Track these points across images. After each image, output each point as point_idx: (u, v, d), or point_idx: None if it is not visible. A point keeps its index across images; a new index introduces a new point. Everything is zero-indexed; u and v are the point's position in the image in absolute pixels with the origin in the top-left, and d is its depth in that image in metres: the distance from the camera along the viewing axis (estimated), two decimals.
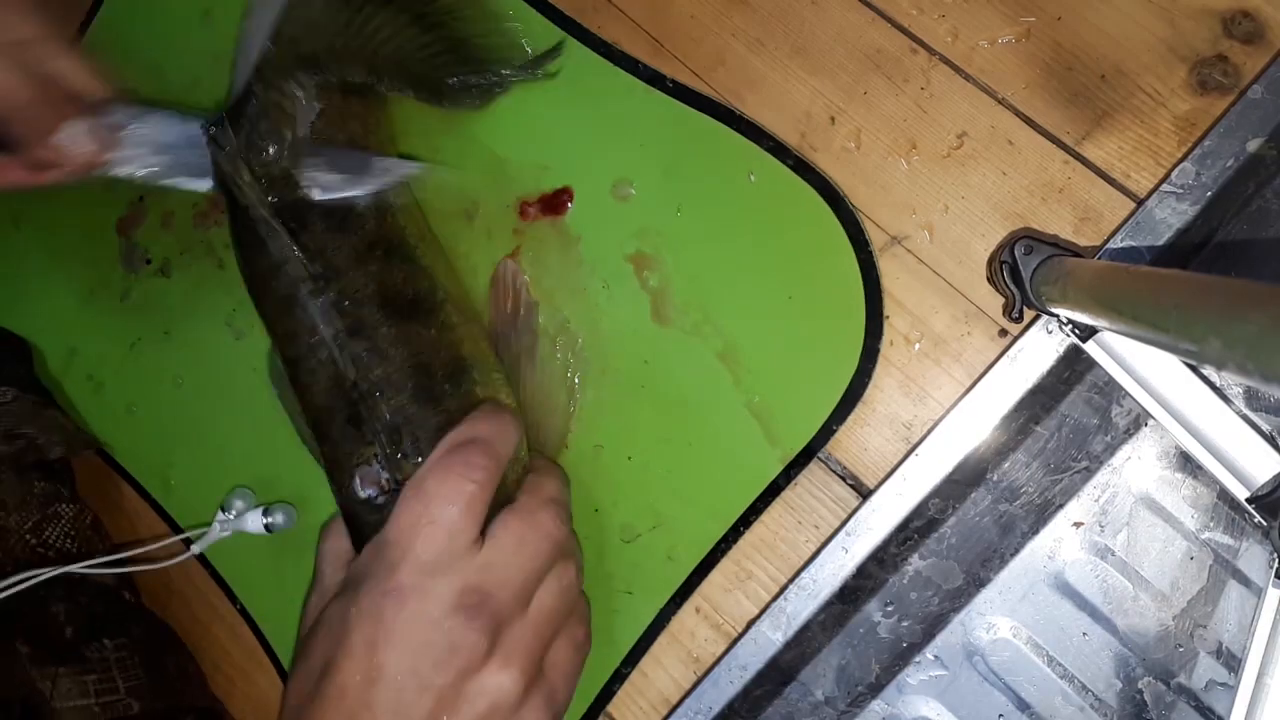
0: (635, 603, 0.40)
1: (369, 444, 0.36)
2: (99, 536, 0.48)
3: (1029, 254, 0.36)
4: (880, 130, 0.39)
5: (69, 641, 0.42)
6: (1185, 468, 0.39)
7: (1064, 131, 0.38)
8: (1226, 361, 0.22)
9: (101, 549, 0.47)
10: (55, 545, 0.45)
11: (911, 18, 0.39)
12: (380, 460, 0.36)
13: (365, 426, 0.36)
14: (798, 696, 0.41)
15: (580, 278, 0.42)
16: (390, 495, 0.36)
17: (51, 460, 0.47)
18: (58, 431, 0.47)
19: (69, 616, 0.43)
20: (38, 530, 0.45)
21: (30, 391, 0.48)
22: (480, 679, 0.32)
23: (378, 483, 0.36)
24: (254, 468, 0.46)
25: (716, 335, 0.40)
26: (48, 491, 0.46)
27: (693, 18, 0.42)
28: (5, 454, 0.45)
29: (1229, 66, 0.36)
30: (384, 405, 0.36)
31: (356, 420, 0.36)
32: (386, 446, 0.36)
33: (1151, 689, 0.39)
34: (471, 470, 0.34)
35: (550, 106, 0.43)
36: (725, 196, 0.41)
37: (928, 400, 0.38)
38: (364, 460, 0.36)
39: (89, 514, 0.47)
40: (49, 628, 0.42)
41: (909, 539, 0.39)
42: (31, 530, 0.45)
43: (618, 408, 0.41)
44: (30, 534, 0.45)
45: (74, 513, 0.47)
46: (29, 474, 0.46)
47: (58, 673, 0.40)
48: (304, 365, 0.38)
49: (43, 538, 0.45)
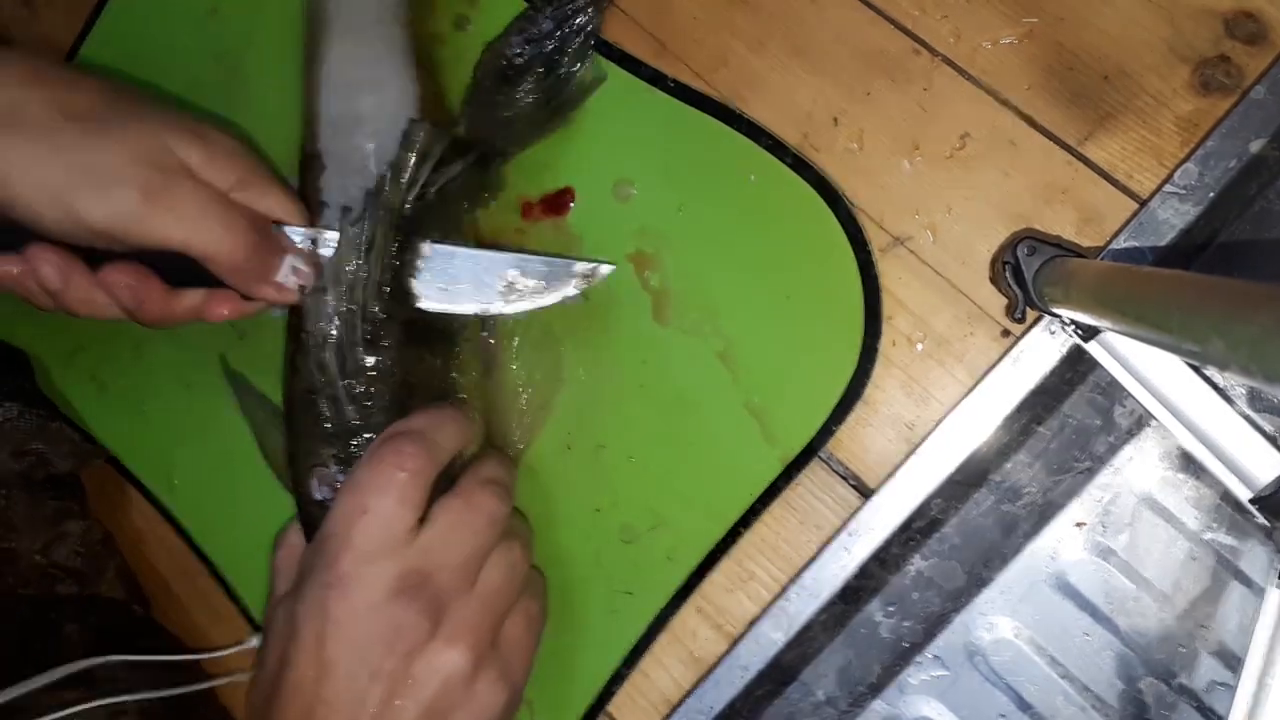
0: (635, 603, 0.40)
1: (327, 444, 0.36)
2: (108, 552, 0.47)
3: (1031, 254, 0.36)
4: (883, 131, 0.39)
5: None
6: (1188, 468, 0.39)
7: (1066, 132, 0.38)
8: (1229, 362, 0.22)
9: (112, 564, 0.47)
10: (66, 565, 0.45)
11: (914, 18, 0.39)
12: (336, 462, 0.36)
13: (326, 426, 0.36)
14: (799, 696, 0.41)
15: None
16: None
17: (61, 474, 0.47)
18: (66, 444, 0.47)
19: (81, 637, 0.43)
20: (48, 551, 0.45)
21: (34, 404, 0.48)
22: (426, 658, 0.33)
23: (332, 484, 0.36)
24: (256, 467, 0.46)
25: (716, 335, 0.40)
26: (58, 509, 0.46)
27: (695, 18, 0.42)
28: (14, 472, 0.45)
29: (1231, 67, 0.36)
30: (348, 410, 0.36)
31: (319, 418, 0.37)
32: (341, 451, 0.36)
33: (1153, 689, 0.39)
34: (402, 459, 0.34)
35: None
36: (726, 197, 0.41)
37: (930, 400, 0.38)
38: (321, 461, 0.36)
39: (99, 529, 0.47)
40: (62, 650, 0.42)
41: (911, 539, 0.39)
42: (41, 551, 0.44)
43: (618, 408, 0.41)
44: (40, 554, 0.44)
45: (83, 529, 0.46)
46: (40, 491, 0.45)
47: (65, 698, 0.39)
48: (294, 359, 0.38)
49: (52, 558, 0.45)
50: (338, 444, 0.37)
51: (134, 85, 0.45)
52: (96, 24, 0.53)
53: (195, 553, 0.47)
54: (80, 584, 0.45)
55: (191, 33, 0.50)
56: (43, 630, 0.43)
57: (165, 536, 0.48)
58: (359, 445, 0.37)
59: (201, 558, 0.47)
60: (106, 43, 0.52)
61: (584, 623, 0.41)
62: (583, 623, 0.41)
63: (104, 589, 0.46)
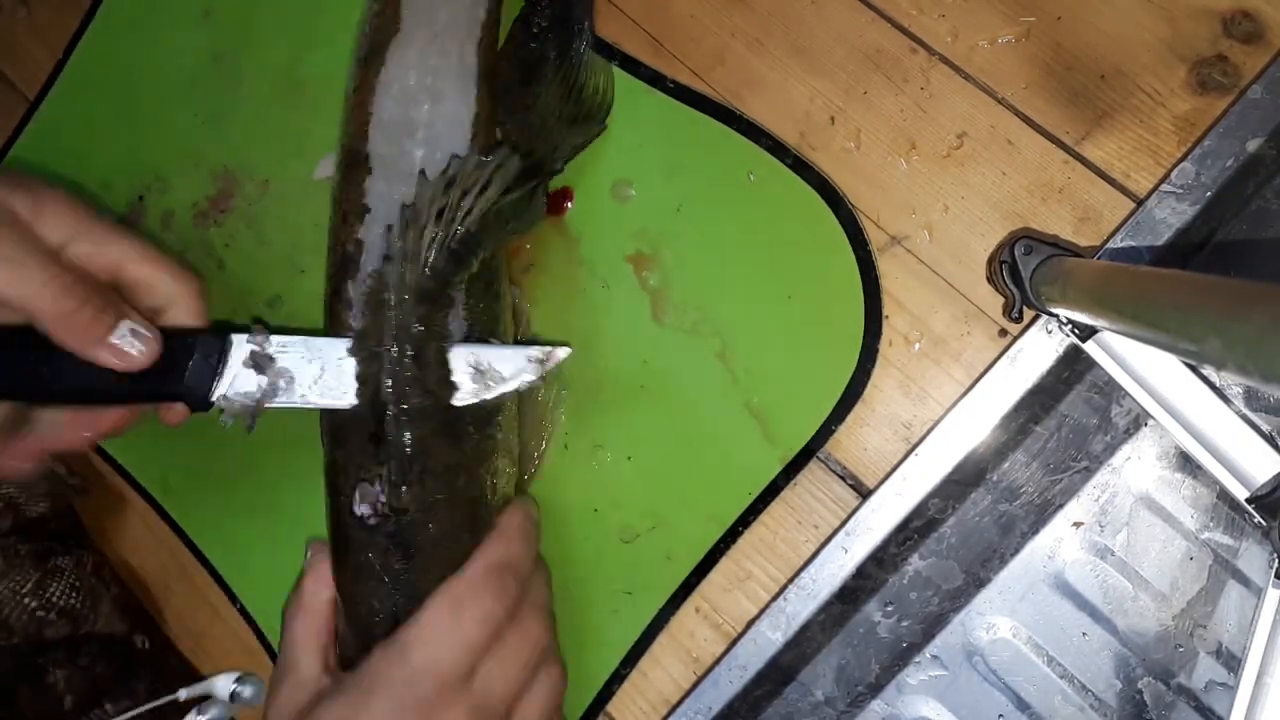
0: (635, 603, 0.40)
1: (380, 464, 0.36)
2: (102, 583, 0.46)
3: (1029, 254, 0.36)
4: (880, 130, 0.39)
5: (68, 712, 0.41)
6: (1185, 468, 0.39)
7: (1064, 131, 0.38)
8: (1226, 361, 0.22)
9: (107, 596, 0.45)
10: (58, 604, 0.43)
11: (911, 17, 0.39)
12: (383, 483, 0.36)
13: (382, 447, 0.36)
14: (797, 696, 0.41)
15: (580, 278, 0.42)
16: (381, 519, 0.36)
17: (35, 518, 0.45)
18: (42, 482, 0.45)
19: (68, 684, 0.42)
20: (39, 590, 0.43)
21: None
22: None
23: (374, 503, 0.36)
24: (253, 468, 0.46)
25: (716, 335, 0.40)
26: (37, 551, 0.44)
27: (692, 17, 0.42)
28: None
29: (1229, 66, 0.36)
30: (407, 433, 0.36)
31: (377, 438, 0.36)
32: (394, 474, 0.36)
33: (1151, 689, 0.39)
34: (504, 597, 0.35)
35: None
36: (725, 197, 0.41)
37: (927, 400, 0.38)
38: (369, 478, 0.36)
39: (89, 559, 0.45)
40: (47, 698, 0.41)
41: (909, 539, 0.39)
42: (31, 592, 0.43)
43: (617, 408, 0.41)
44: (30, 596, 0.42)
45: (73, 563, 0.44)
46: (7, 539, 0.43)
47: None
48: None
49: (45, 598, 0.43)
50: (389, 466, 0.36)
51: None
52: (91, 24, 0.53)
53: (193, 552, 0.47)
54: (74, 623, 0.43)
55: (186, 33, 0.50)
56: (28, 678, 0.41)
57: (163, 535, 0.48)
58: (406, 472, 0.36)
59: (200, 556, 0.47)
60: (101, 43, 0.52)
61: (583, 623, 0.41)
62: (582, 623, 0.41)
63: (100, 624, 0.44)
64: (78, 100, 0.52)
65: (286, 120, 0.47)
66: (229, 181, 0.48)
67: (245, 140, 0.48)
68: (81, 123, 0.52)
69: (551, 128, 0.41)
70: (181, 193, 0.49)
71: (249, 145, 0.48)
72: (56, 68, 0.53)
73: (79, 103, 0.52)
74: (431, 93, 0.40)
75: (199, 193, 0.48)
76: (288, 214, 0.46)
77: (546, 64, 0.42)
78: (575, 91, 0.41)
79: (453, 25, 0.41)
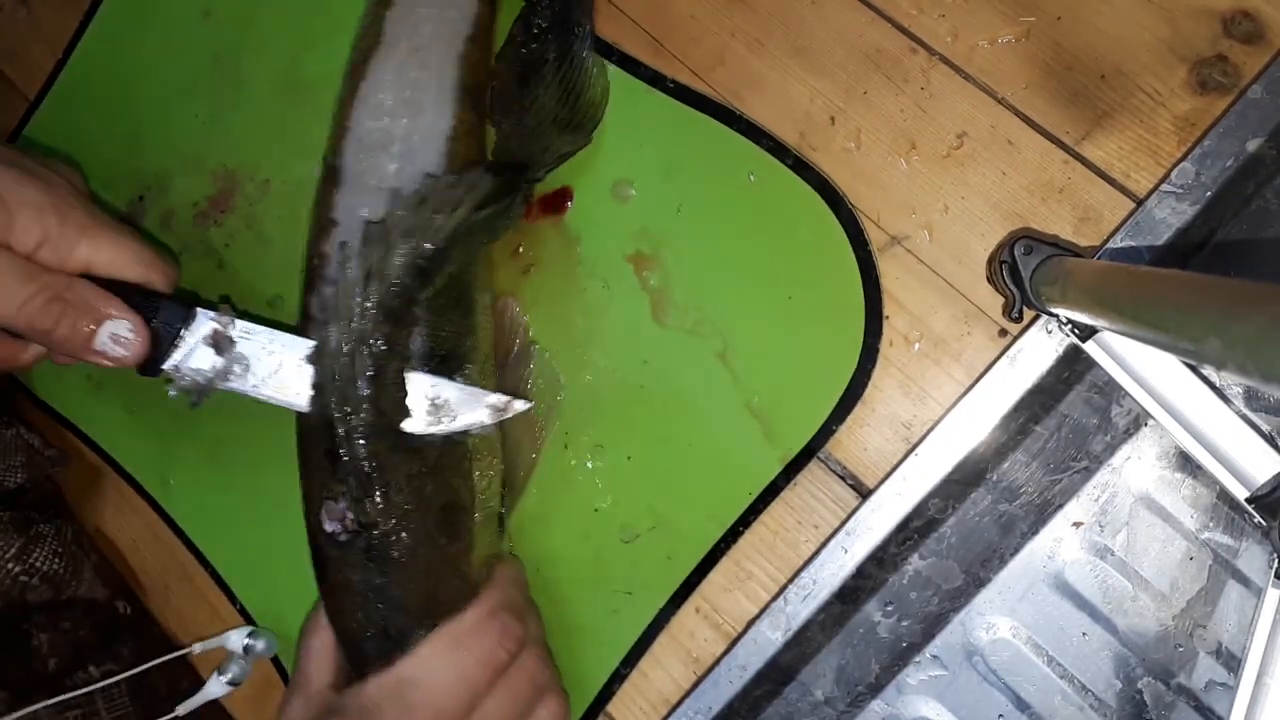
0: (635, 603, 0.40)
1: (340, 481, 0.36)
2: (83, 550, 0.46)
3: (1029, 254, 0.36)
4: (880, 130, 0.39)
5: (51, 674, 0.41)
6: (1185, 468, 0.39)
7: (1064, 131, 0.38)
8: (1226, 361, 0.22)
9: (88, 563, 0.46)
10: (41, 569, 0.44)
11: (911, 17, 0.39)
12: (346, 499, 0.36)
13: (340, 465, 0.36)
14: (797, 696, 0.41)
15: (580, 278, 0.42)
16: (351, 534, 0.36)
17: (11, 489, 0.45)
18: (19, 453, 0.45)
19: (52, 647, 0.42)
20: (22, 555, 0.43)
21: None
22: None
23: (341, 519, 0.36)
24: (252, 468, 0.46)
25: (716, 335, 0.40)
26: (18, 519, 0.44)
27: (692, 17, 0.42)
28: None
29: (1229, 66, 0.36)
30: (362, 449, 0.36)
31: (333, 455, 0.36)
32: (354, 490, 0.36)
33: (1151, 689, 0.39)
34: (508, 641, 0.36)
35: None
36: (725, 197, 0.41)
37: (927, 400, 0.38)
38: (332, 495, 0.36)
39: (69, 528, 0.46)
40: (31, 663, 0.41)
41: (909, 539, 0.39)
42: (15, 557, 0.43)
43: (617, 408, 0.41)
44: (14, 561, 0.43)
45: (54, 530, 0.45)
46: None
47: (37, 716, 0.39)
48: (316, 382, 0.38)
49: (28, 563, 0.43)
50: (347, 483, 0.36)
51: None
52: (91, 24, 0.53)
53: (192, 551, 0.47)
54: (56, 588, 0.44)
55: (185, 34, 0.50)
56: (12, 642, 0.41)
57: (162, 535, 0.48)
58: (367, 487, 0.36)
59: (199, 557, 0.47)
60: (101, 43, 0.52)
61: (583, 623, 0.41)
62: (582, 623, 0.41)
63: (82, 590, 0.45)
64: (78, 100, 0.52)
65: (286, 120, 0.47)
66: (229, 181, 0.48)
67: (245, 140, 0.48)
68: (81, 123, 0.52)
69: (545, 131, 0.41)
70: (181, 193, 0.49)
71: (249, 145, 0.48)
72: (56, 68, 0.53)
73: (79, 103, 0.52)
74: (410, 106, 0.40)
75: (199, 193, 0.48)
76: (288, 214, 0.46)
77: (545, 65, 0.41)
78: (573, 95, 0.41)
79: (436, 38, 0.41)
